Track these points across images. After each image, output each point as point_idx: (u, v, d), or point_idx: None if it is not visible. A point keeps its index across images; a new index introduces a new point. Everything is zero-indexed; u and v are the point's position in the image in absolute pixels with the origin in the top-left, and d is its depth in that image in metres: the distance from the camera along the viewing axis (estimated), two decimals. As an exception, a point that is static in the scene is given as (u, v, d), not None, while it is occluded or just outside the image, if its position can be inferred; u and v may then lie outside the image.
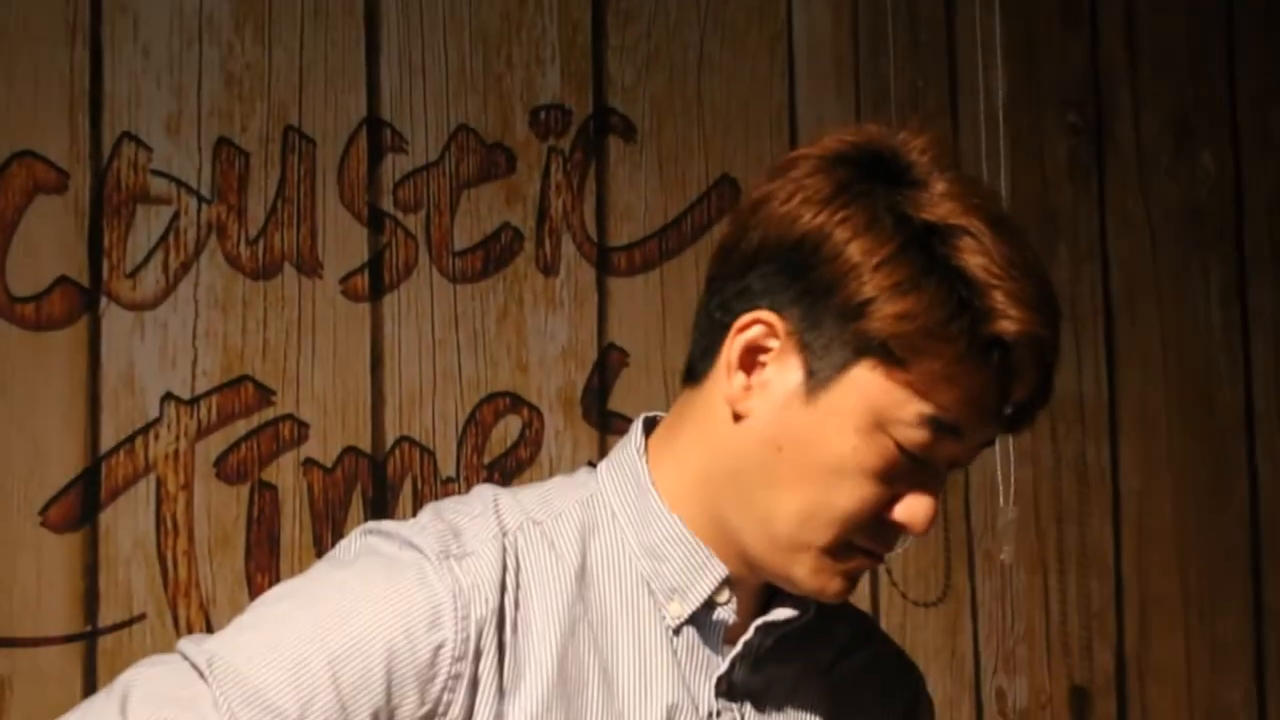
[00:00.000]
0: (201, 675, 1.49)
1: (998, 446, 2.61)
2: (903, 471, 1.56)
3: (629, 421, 1.70)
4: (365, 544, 1.59)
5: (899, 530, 1.59)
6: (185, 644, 1.53)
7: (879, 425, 1.55)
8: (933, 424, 1.54)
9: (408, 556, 1.56)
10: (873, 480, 1.56)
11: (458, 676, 1.54)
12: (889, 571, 2.96)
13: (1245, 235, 3.29)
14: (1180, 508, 3.20)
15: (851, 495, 1.56)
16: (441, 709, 1.54)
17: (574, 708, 1.58)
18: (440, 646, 1.53)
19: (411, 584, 1.54)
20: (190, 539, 2.56)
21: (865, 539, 1.59)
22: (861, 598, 2.74)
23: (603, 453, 2.68)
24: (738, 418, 1.59)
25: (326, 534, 2.61)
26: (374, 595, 1.53)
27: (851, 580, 1.62)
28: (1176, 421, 3.21)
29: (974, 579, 3.05)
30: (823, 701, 1.70)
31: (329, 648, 1.51)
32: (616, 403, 2.78)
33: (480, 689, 1.54)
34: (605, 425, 2.78)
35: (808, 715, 1.69)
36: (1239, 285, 3.28)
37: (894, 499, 1.58)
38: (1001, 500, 3.03)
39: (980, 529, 3.05)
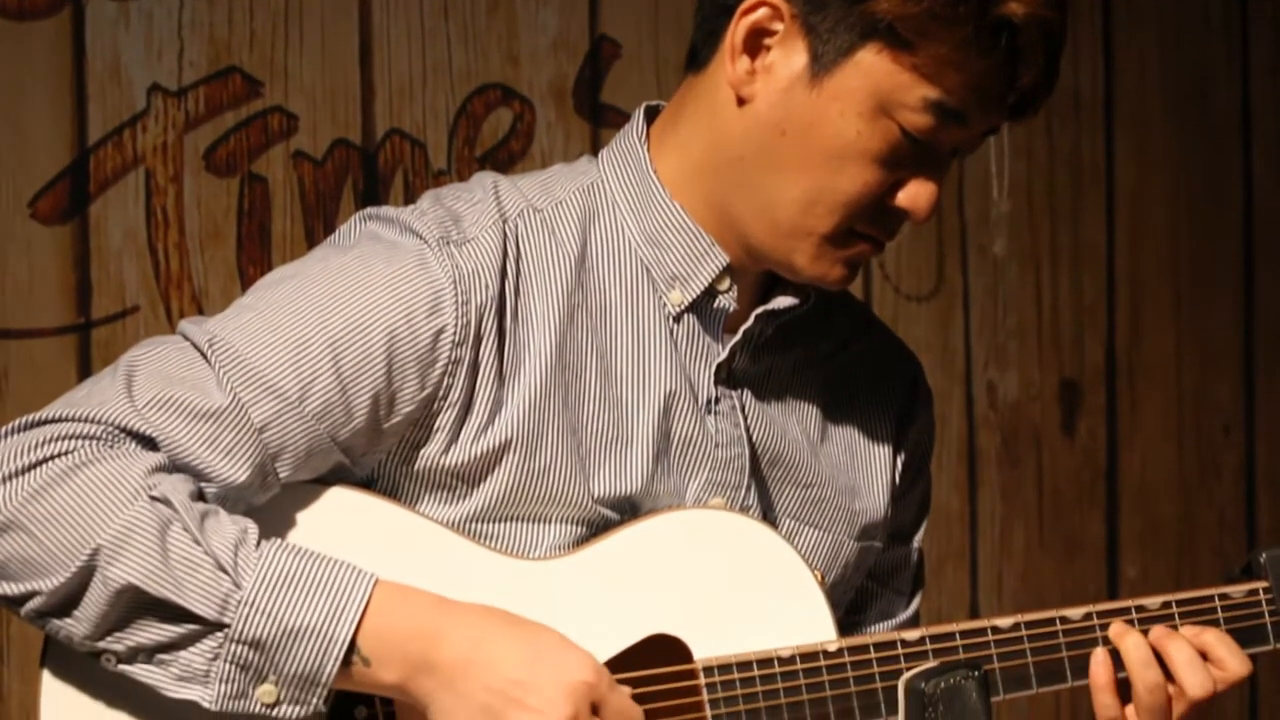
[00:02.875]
0: (203, 356, 1.50)
1: (992, 140, 2.59)
2: (906, 157, 1.56)
3: (621, 114, 1.68)
4: (365, 229, 1.59)
5: (901, 216, 1.59)
6: (186, 325, 1.53)
7: (883, 109, 1.54)
8: (938, 109, 1.54)
9: (408, 242, 1.55)
10: (876, 165, 1.56)
11: (458, 361, 1.54)
12: (881, 265, 2.96)
13: (1247, -71, 3.24)
14: (1174, 205, 3.20)
15: (855, 180, 1.56)
16: (442, 393, 1.55)
17: (572, 393, 1.59)
18: (441, 331, 1.53)
19: (412, 269, 1.54)
20: (181, 231, 2.55)
21: (867, 225, 1.59)
22: (854, 292, 2.75)
23: (595, 146, 2.66)
24: (741, 102, 1.57)
25: (318, 227, 2.60)
26: (374, 280, 1.53)
27: (852, 268, 1.63)
28: (1173, 119, 3.19)
29: (966, 273, 3.05)
30: (822, 389, 1.72)
31: (329, 331, 1.51)
32: (608, 95, 2.75)
33: (480, 374, 1.55)
34: (597, 118, 2.75)
35: (806, 403, 1.71)
36: (1239, -20, 3.24)
37: (896, 185, 1.58)
38: (995, 194, 3.02)
39: (974, 222, 3.04)
